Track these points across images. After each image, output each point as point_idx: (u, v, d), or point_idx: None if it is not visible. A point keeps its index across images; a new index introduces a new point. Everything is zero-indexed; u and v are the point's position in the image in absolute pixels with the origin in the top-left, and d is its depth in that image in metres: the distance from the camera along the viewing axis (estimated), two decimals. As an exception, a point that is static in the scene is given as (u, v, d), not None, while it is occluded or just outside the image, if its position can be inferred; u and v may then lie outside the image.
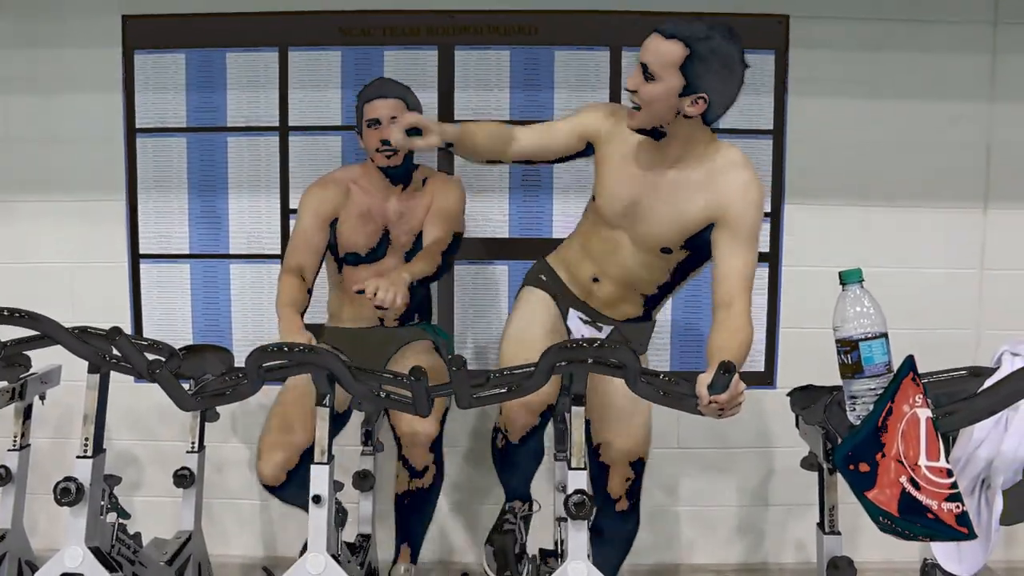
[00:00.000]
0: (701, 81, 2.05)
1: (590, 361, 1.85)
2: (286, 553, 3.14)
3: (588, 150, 2.31)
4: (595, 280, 2.34)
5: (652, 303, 2.40)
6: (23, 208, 3.11)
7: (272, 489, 2.48)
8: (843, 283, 1.47)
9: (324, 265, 2.64)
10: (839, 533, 2.23)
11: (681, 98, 2.06)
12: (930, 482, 1.25)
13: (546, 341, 2.16)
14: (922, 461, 1.26)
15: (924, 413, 1.29)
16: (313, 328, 2.84)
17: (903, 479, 1.26)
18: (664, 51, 2.03)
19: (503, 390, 1.85)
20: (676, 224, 2.19)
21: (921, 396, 1.29)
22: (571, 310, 2.40)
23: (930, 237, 3.09)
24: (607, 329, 2.37)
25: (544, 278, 2.44)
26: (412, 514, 2.64)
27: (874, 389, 1.39)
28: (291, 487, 2.44)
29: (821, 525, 2.25)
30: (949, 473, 1.26)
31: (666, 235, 2.21)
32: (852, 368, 1.43)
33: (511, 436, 2.33)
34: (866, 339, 1.41)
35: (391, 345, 2.66)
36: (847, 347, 1.44)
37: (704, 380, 1.80)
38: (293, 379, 2.51)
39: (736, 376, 1.75)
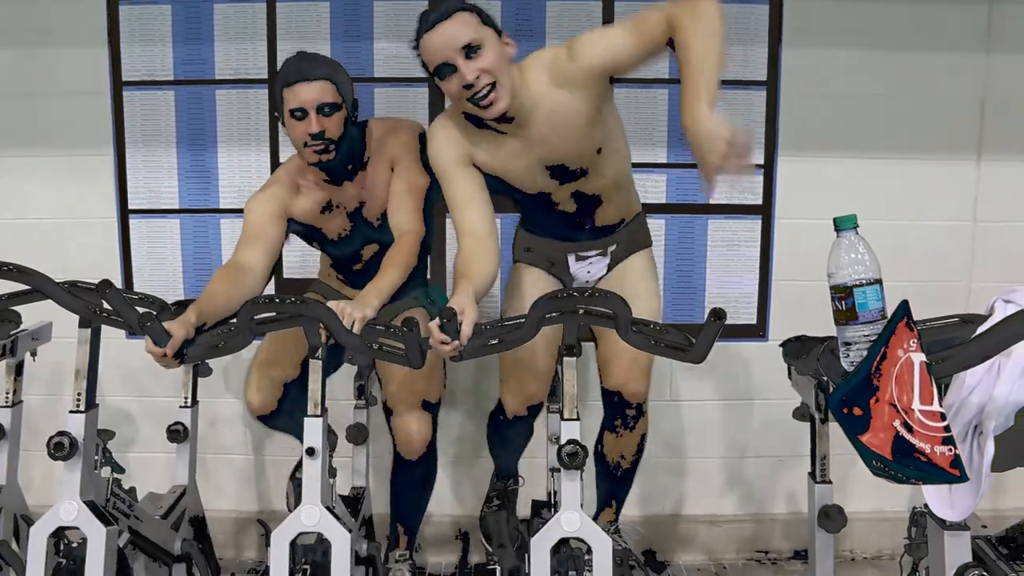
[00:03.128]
0: (492, 20, 2.08)
1: (580, 311, 1.84)
2: (280, 507, 3.15)
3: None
4: (578, 222, 2.34)
5: (623, 182, 2.36)
6: (9, 163, 3.07)
7: (263, 418, 2.47)
8: (837, 229, 1.46)
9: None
10: (830, 482, 2.26)
11: (503, 44, 2.07)
12: (924, 426, 1.26)
13: (552, 331, 2.16)
14: (916, 405, 1.27)
15: (918, 358, 1.29)
16: (303, 282, 2.85)
17: (896, 423, 1.26)
18: (465, 24, 2.02)
19: (494, 341, 1.85)
20: (587, 128, 2.14)
21: (915, 341, 1.29)
22: (569, 257, 2.40)
23: (923, 189, 3.09)
24: (612, 247, 2.40)
25: (531, 248, 2.43)
26: (404, 494, 2.55)
27: (868, 335, 1.39)
28: (280, 416, 2.44)
29: (812, 474, 2.27)
30: (942, 417, 1.27)
31: (580, 139, 2.17)
32: (846, 315, 1.42)
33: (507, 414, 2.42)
34: (860, 285, 1.41)
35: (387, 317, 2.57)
36: (841, 293, 1.43)
37: (707, 118, 1.86)
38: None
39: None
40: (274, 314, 1.89)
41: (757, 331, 3.12)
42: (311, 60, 2.24)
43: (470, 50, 2.01)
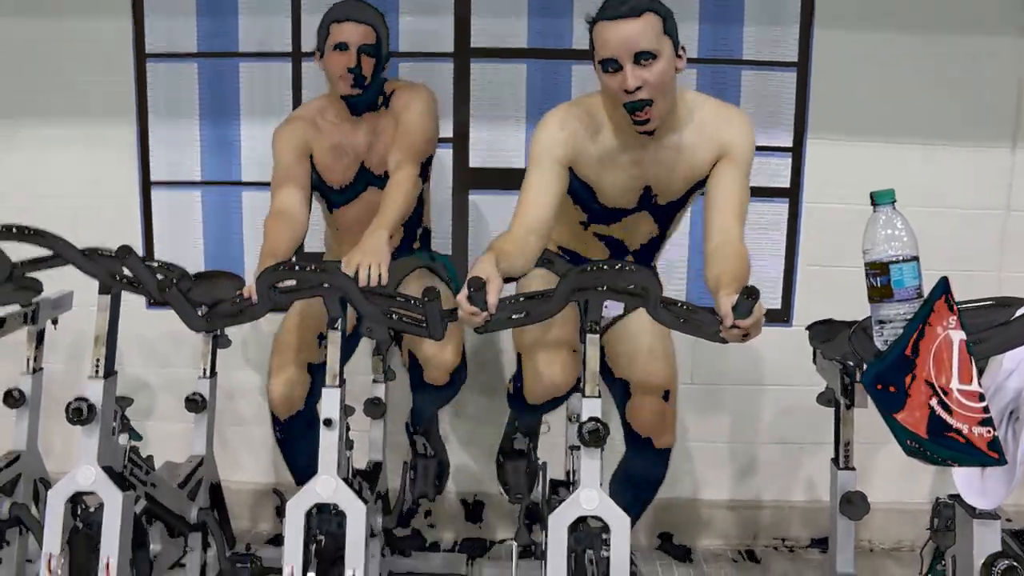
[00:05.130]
0: (675, 30, 2.03)
1: (607, 288, 1.81)
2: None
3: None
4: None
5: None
6: (30, 133, 3.07)
7: (282, 425, 2.50)
8: (875, 204, 1.42)
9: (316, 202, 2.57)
10: (854, 469, 2.22)
11: (675, 59, 2.03)
12: (962, 405, 1.22)
13: (574, 334, 2.18)
14: (954, 384, 1.23)
15: (958, 336, 1.25)
16: (314, 256, 2.84)
17: (933, 402, 1.22)
18: (651, 26, 1.96)
19: (521, 314, 1.82)
20: (690, 183, 2.18)
21: (955, 319, 1.25)
22: None
23: (956, 176, 3.02)
24: None
25: (549, 261, 2.38)
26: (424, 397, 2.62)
27: (903, 314, 1.35)
28: (298, 425, 2.46)
29: (836, 460, 2.23)
30: (981, 397, 1.23)
31: (680, 194, 2.22)
32: (881, 292, 1.39)
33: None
34: (897, 262, 1.37)
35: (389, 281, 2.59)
36: (877, 270, 1.40)
37: (727, 303, 1.77)
38: (294, 310, 2.52)
39: (759, 300, 1.72)
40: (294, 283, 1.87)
41: (781, 316, 3.08)
42: (363, 6, 2.42)
43: (642, 56, 1.97)
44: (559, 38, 2.92)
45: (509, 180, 2.98)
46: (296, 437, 2.51)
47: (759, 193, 2.98)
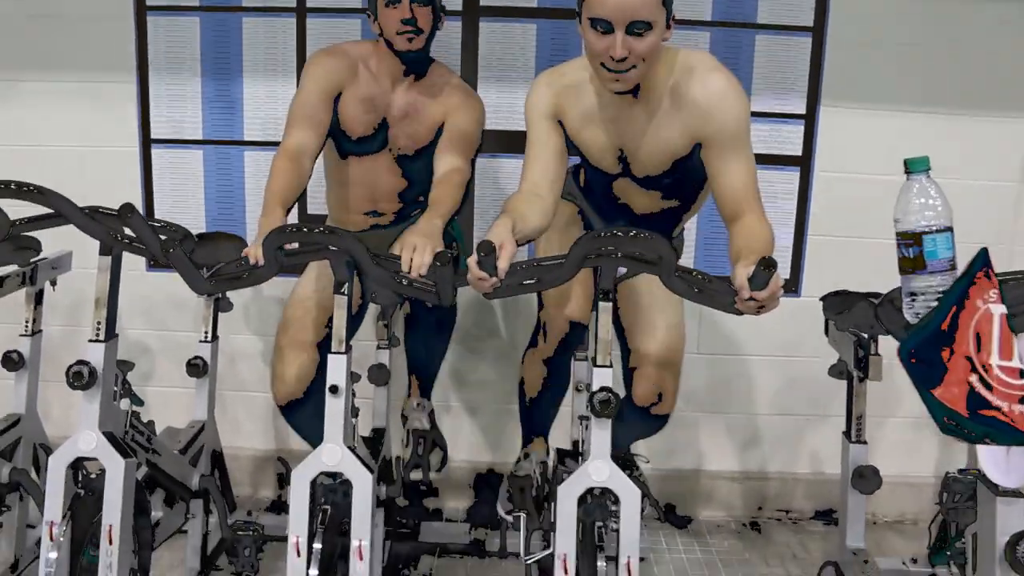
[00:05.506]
0: (670, 3, 1.94)
1: (620, 255, 1.76)
2: (298, 447, 3.12)
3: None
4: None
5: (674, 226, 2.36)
6: (28, 88, 2.99)
7: (286, 408, 2.46)
8: (908, 171, 1.37)
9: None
10: (865, 442, 2.20)
11: (665, 30, 1.96)
12: (1002, 382, 1.18)
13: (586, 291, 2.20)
14: (994, 360, 1.19)
15: (999, 309, 1.21)
16: (315, 219, 2.79)
17: (973, 378, 1.18)
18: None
19: (531, 280, 1.78)
20: (666, 155, 2.11)
21: (996, 292, 1.21)
22: None
23: (970, 147, 2.96)
24: None
25: (571, 196, 2.35)
26: (421, 344, 2.60)
27: (935, 286, 1.31)
28: (308, 405, 2.40)
29: (847, 434, 2.22)
30: (1022, 374, 1.19)
31: (661, 168, 2.14)
32: (913, 263, 1.34)
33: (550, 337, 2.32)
34: (931, 232, 1.32)
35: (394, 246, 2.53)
36: (909, 240, 1.35)
37: (743, 274, 1.72)
38: (302, 288, 2.47)
39: (776, 272, 1.67)
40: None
41: (790, 286, 3.04)
42: None
43: (637, 26, 1.89)
44: (569, -2, 2.84)
45: (518, 143, 2.89)
46: (305, 416, 2.44)
47: (770, 161, 2.95)
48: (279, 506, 3.14)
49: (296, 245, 1.83)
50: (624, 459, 2.47)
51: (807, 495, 3.21)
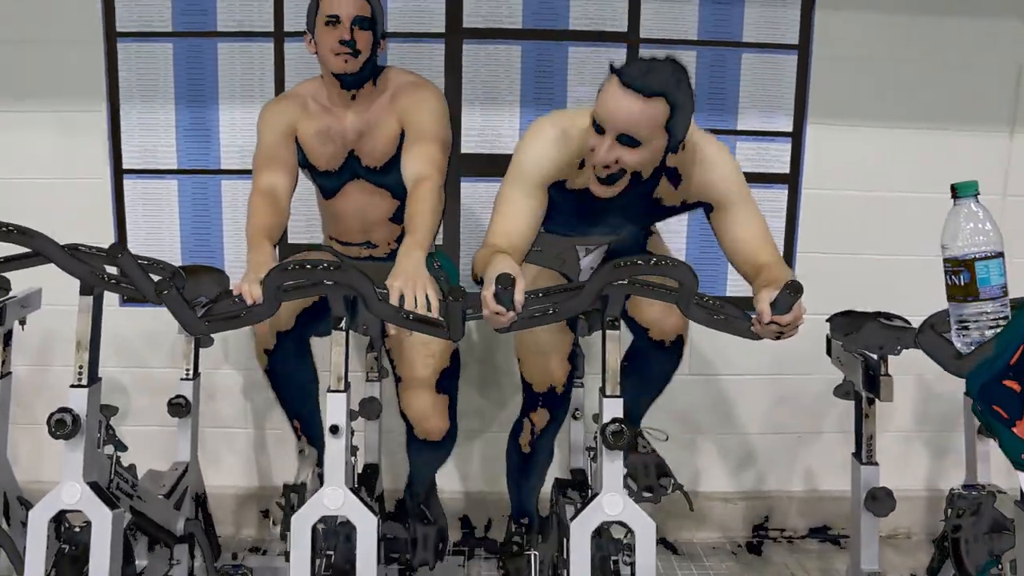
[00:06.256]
0: (680, 129, 1.90)
1: (638, 284, 1.71)
2: (281, 483, 3.01)
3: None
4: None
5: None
6: (-4, 116, 2.87)
7: (270, 361, 2.37)
8: (956, 196, 1.33)
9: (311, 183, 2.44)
10: (877, 464, 2.17)
11: (667, 154, 1.94)
12: (1077, 415, 1.13)
13: (564, 339, 2.17)
14: (1068, 392, 1.14)
15: (1068, 340, 1.16)
16: (309, 248, 2.69)
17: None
18: (650, 115, 1.84)
19: (548, 311, 1.72)
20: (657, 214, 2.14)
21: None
22: (579, 251, 2.32)
23: (953, 161, 2.95)
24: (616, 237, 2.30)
25: (541, 248, 2.27)
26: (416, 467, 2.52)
27: (990, 314, 1.27)
28: (281, 353, 2.33)
29: (858, 455, 2.18)
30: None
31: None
32: (964, 291, 1.30)
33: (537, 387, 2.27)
34: (983, 258, 1.29)
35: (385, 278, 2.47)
36: (959, 267, 1.31)
37: (766, 298, 1.69)
38: None
39: (800, 297, 1.64)
40: (301, 281, 1.74)
41: (779, 305, 3.01)
42: None
43: (631, 141, 1.86)
44: (555, 18, 2.80)
45: (503, 167, 2.86)
46: (287, 360, 2.38)
47: (757, 179, 2.93)
48: (263, 547, 3.03)
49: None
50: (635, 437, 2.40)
51: (800, 513, 3.19)
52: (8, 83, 2.84)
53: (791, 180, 2.95)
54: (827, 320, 2.23)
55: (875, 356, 2.07)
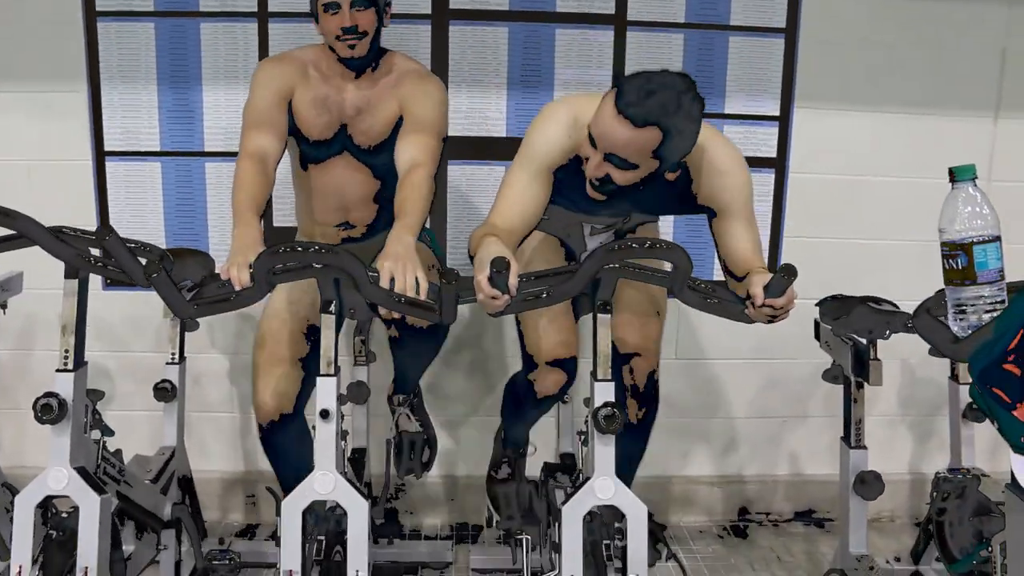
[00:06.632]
0: (674, 153, 1.87)
1: (633, 268, 1.71)
2: (267, 467, 2.99)
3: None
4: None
5: None
6: (-29, 99, 2.81)
7: (268, 430, 2.33)
8: (954, 180, 1.33)
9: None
10: (865, 447, 2.18)
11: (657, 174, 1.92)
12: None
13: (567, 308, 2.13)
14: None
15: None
16: (282, 233, 2.67)
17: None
18: (639, 144, 1.81)
19: (541, 295, 1.71)
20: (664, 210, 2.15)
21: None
22: (585, 228, 2.28)
23: (939, 146, 2.97)
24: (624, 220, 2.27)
25: (546, 217, 2.22)
26: (408, 358, 2.45)
27: (987, 297, 1.28)
28: (289, 429, 2.30)
29: (847, 439, 2.20)
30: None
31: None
32: (962, 274, 1.30)
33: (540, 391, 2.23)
34: (981, 242, 1.29)
35: (367, 259, 2.43)
36: (956, 251, 1.31)
37: (759, 282, 1.69)
38: (276, 299, 2.34)
39: (793, 280, 1.65)
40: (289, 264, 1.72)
41: (766, 289, 3.02)
42: None
43: (620, 162, 1.85)
44: (543, 0, 2.78)
45: (490, 150, 2.87)
46: (286, 441, 2.33)
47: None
48: (249, 531, 3.01)
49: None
50: None
51: (786, 497, 3.21)
52: (-14, 64, 2.79)
53: (778, 164, 2.95)
54: (816, 304, 2.23)
55: (864, 340, 2.07)
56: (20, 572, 1.80)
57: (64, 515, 1.90)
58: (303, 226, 2.52)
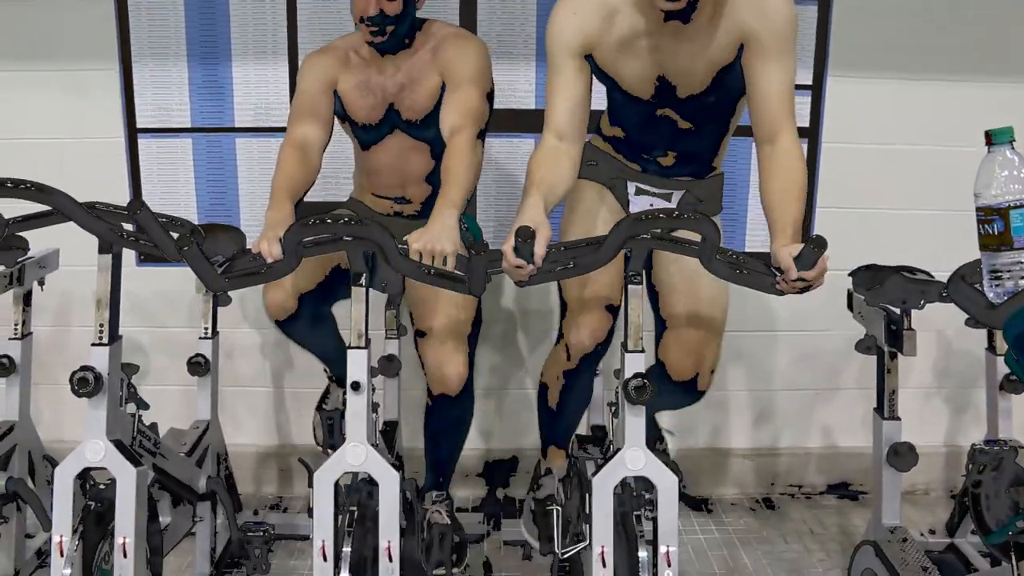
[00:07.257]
0: None
1: (662, 238, 1.69)
2: (300, 441, 3.04)
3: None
4: (655, 156, 2.16)
5: (713, 153, 2.22)
6: (4, 78, 2.83)
7: (281, 323, 2.34)
8: (990, 143, 1.30)
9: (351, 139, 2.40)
10: (899, 418, 2.16)
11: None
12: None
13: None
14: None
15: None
16: (327, 205, 2.68)
17: (1086, 360, 1.12)
18: None
19: (568, 265, 1.70)
20: (711, 67, 1.97)
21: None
22: (630, 187, 2.22)
23: (975, 114, 2.88)
24: (677, 195, 2.19)
25: (593, 162, 2.22)
26: (439, 434, 2.45)
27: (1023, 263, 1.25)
28: (299, 322, 2.32)
29: (880, 410, 2.17)
30: None
31: (703, 85, 2.00)
32: (998, 239, 1.28)
33: (573, 353, 2.19)
34: (1018, 206, 1.26)
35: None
36: (993, 216, 1.28)
37: (787, 254, 1.67)
38: None
39: (824, 252, 1.62)
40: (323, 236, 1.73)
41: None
42: None
43: None
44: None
45: (520, 122, 2.86)
46: (303, 329, 2.37)
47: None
48: (283, 504, 3.05)
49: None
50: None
51: (818, 469, 3.19)
52: (18, 43, 2.82)
53: (811, 134, 2.91)
54: (849, 275, 2.21)
55: (898, 310, 2.05)
56: (61, 541, 1.84)
57: (102, 487, 1.92)
58: (356, 194, 2.52)
